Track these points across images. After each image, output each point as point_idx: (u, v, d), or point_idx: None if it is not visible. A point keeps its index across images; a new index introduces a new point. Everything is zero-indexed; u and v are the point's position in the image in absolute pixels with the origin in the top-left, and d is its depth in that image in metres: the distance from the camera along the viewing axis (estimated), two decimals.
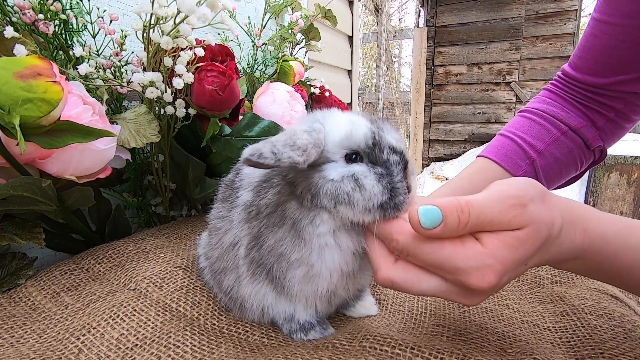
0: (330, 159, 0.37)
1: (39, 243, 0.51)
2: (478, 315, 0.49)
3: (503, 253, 0.32)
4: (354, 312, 0.49)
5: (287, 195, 0.38)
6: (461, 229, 0.32)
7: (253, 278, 0.42)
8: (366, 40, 4.67)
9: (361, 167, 0.36)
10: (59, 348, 0.39)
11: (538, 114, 0.70)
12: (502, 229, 0.32)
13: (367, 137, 0.36)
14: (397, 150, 0.37)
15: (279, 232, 0.38)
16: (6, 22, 0.54)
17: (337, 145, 0.36)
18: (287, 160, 0.33)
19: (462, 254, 0.32)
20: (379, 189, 0.35)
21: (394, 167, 0.36)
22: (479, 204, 0.32)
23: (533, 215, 0.32)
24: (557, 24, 3.98)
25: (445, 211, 0.31)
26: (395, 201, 0.35)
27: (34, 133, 0.43)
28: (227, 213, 0.44)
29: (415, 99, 4.57)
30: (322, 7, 1.08)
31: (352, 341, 0.39)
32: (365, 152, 0.36)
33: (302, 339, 0.43)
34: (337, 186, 0.35)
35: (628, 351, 0.39)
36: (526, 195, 0.33)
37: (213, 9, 0.61)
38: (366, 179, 0.35)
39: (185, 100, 0.65)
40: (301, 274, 0.39)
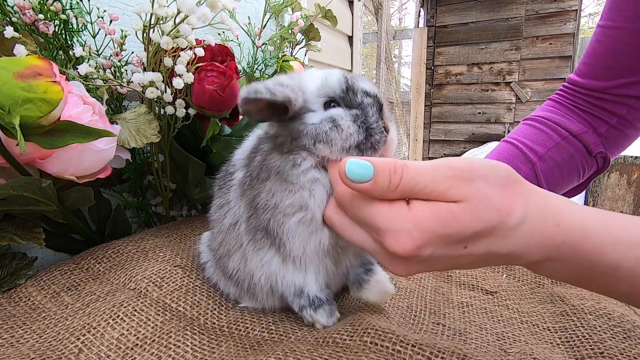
0: (310, 109, 0.39)
1: (39, 243, 0.51)
2: (478, 315, 0.49)
3: (428, 222, 0.30)
4: (370, 291, 0.45)
5: (269, 150, 0.40)
6: (391, 190, 0.31)
7: (255, 247, 0.42)
8: (366, 40, 4.67)
9: (338, 111, 0.38)
10: (59, 348, 0.39)
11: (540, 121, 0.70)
12: (437, 199, 0.30)
13: (341, 82, 0.39)
14: (370, 94, 0.39)
15: (267, 185, 0.40)
16: (6, 22, 0.55)
17: (314, 95, 0.39)
18: (280, 95, 0.35)
19: (386, 214, 0.31)
20: (354, 128, 0.37)
21: (368, 109, 0.38)
22: (415, 168, 0.31)
23: (476, 192, 0.30)
24: (557, 24, 3.98)
25: (378, 168, 0.31)
26: (371, 141, 0.37)
27: (34, 133, 0.44)
28: (224, 199, 0.45)
29: (415, 99, 4.57)
30: (322, 7, 1.08)
31: (352, 335, 0.39)
32: (340, 97, 0.39)
33: (311, 316, 0.43)
34: (316, 127, 0.37)
35: (627, 351, 0.39)
36: (476, 171, 0.30)
37: (213, 9, 0.61)
38: (342, 120, 0.37)
39: (185, 100, 0.65)
40: (297, 220, 0.39)
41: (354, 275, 0.46)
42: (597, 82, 0.64)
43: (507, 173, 0.32)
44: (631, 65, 0.60)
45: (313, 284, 0.43)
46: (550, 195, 0.33)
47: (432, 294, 0.54)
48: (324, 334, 0.41)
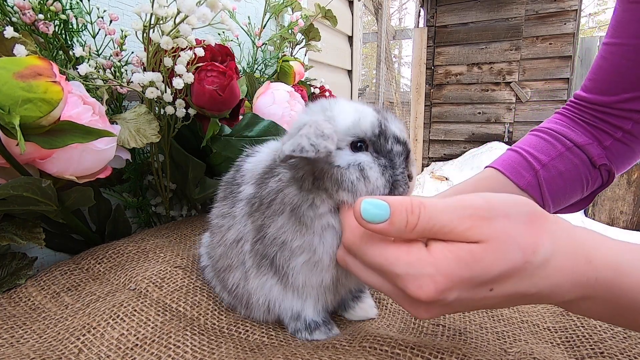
0: (337, 146, 0.36)
1: (39, 243, 0.51)
2: (478, 315, 0.49)
3: (450, 266, 0.28)
4: (353, 315, 0.49)
5: (287, 181, 0.38)
6: (409, 231, 0.29)
7: (259, 271, 0.42)
8: (366, 40, 4.68)
9: (367, 157, 0.36)
10: (59, 348, 0.39)
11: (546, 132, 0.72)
12: (457, 239, 0.29)
13: (374, 125, 0.37)
14: (401, 141, 0.37)
15: (279, 219, 0.39)
16: (6, 22, 0.55)
17: (343, 133, 0.36)
18: (324, 150, 0.33)
19: (404, 259, 0.29)
20: (382, 182, 0.36)
21: (397, 159, 0.37)
22: (433, 207, 0.29)
23: (498, 231, 0.28)
24: (557, 24, 3.99)
25: (394, 208, 0.29)
26: (395, 194, 0.36)
27: (34, 133, 0.44)
28: (229, 210, 0.44)
29: (415, 99, 4.57)
30: (322, 7, 1.08)
31: (352, 342, 0.39)
32: (371, 141, 0.37)
33: (306, 339, 0.43)
34: (342, 173, 0.35)
35: (627, 351, 0.39)
36: (494, 209, 0.29)
37: (213, 9, 0.61)
38: (371, 171, 0.36)
39: (185, 100, 0.65)
40: (303, 261, 0.39)
41: (342, 300, 0.48)
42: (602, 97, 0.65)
43: (530, 209, 0.30)
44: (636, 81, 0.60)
45: (311, 311, 0.43)
46: (577, 229, 0.32)
47: None
48: (323, 341, 0.41)
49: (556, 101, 4.11)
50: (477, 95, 4.42)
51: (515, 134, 4.32)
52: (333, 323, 0.45)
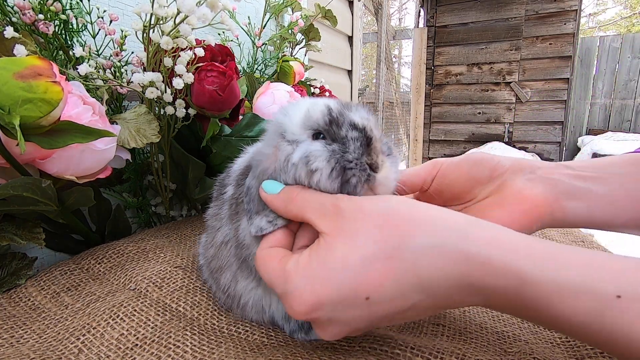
0: (299, 142, 0.36)
1: (39, 243, 0.51)
2: (478, 315, 0.49)
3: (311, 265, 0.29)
4: None
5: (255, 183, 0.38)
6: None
7: (242, 274, 0.42)
8: (366, 40, 4.68)
9: (317, 146, 0.34)
10: (59, 348, 0.39)
11: None
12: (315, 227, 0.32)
13: (324, 113, 0.35)
14: (358, 127, 0.34)
15: (242, 222, 0.39)
16: (6, 22, 0.55)
17: (300, 127, 0.36)
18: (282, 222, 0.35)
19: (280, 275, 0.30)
20: (327, 171, 0.33)
21: (351, 144, 0.34)
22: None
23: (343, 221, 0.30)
24: (557, 24, 3.99)
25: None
26: (348, 188, 0.33)
27: (34, 133, 0.44)
28: (218, 211, 0.45)
29: (415, 99, 4.57)
30: (322, 7, 1.08)
31: (351, 342, 0.39)
32: (325, 130, 0.35)
33: (303, 339, 0.43)
34: (298, 171, 0.34)
35: None
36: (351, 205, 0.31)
37: (213, 9, 0.61)
38: (315, 162, 0.33)
39: (185, 100, 0.65)
40: None
41: None
42: None
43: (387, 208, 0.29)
44: None
45: None
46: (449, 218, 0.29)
47: None
48: (323, 341, 0.41)
49: (556, 101, 4.11)
50: (477, 95, 4.42)
51: (515, 134, 4.32)
52: None
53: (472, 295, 0.27)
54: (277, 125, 0.38)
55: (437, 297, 0.27)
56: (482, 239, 0.27)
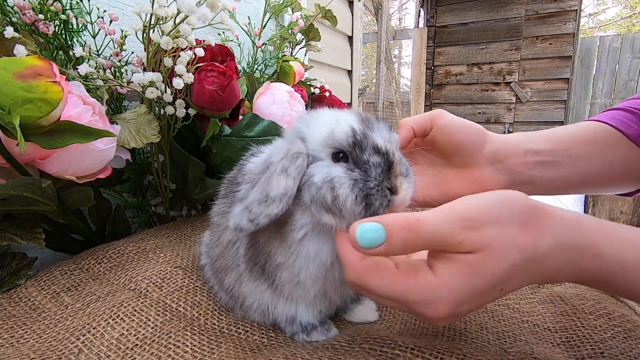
0: (318, 158, 0.36)
1: (39, 243, 0.51)
2: (478, 315, 0.49)
3: (457, 283, 0.29)
4: (353, 317, 0.48)
5: None
6: (410, 249, 0.30)
7: (251, 276, 0.42)
8: (366, 40, 4.67)
9: (340, 171, 0.35)
10: (59, 348, 0.39)
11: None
12: (454, 251, 0.30)
13: (348, 135, 0.35)
14: (380, 151, 0.35)
15: (267, 231, 0.39)
16: (6, 22, 0.55)
17: (321, 145, 0.36)
18: (265, 220, 0.34)
19: (414, 287, 0.30)
20: (351, 198, 0.34)
21: (372, 170, 0.34)
22: (430, 222, 0.30)
23: (488, 239, 0.29)
24: (557, 24, 3.98)
25: (389, 229, 0.29)
26: (371, 210, 0.34)
27: (34, 133, 0.44)
28: (227, 209, 0.44)
29: (415, 99, 4.57)
30: (322, 7, 1.08)
31: (352, 343, 0.39)
32: (348, 151, 0.35)
33: (304, 340, 0.43)
34: (321, 194, 0.34)
35: (628, 351, 0.39)
36: (481, 217, 0.30)
37: (213, 9, 0.61)
38: (340, 188, 0.34)
39: (185, 100, 0.65)
40: (288, 278, 0.39)
41: (342, 301, 0.48)
42: None
43: (523, 207, 0.31)
44: None
45: (305, 314, 0.43)
46: (584, 222, 0.33)
47: None
48: (323, 342, 0.41)
49: (556, 101, 4.11)
50: (477, 95, 4.42)
51: None
52: (330, 323, 0.45)
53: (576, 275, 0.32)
54: (298, 132, 0.38)
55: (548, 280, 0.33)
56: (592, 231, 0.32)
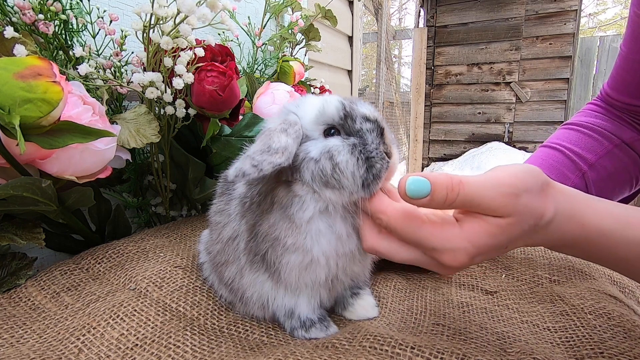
0: (310, 137, 0.38)
1: (39, 243, 0.51)
2: (478, 315, 0.49)
3: (480, 238, 0.33)
4: (353, 314, 0.48)
5: (274, 183, 0.39)
6: (447, 205, 0.33)
7: (252, 268, 0.42)
8: (366, 40, 4.67)
9: (336, 141, 0.37)
10: (59, 348, 0.39)
11: (586, 126, 0.65)
12: (488, 214, 0.34)
13: (338, 109, 0.38)
14: (370, 119, 0.38)
15: (271, 217, 0.39)
16: (6, 22, 0.55)
17: (313, 123, 0.38)
18: (269, 167, 0.34)
19: (440, 235, 0.34)
20: (352, 161, 0.36)
21: (368, 135, 0.37)
22: (471, 186, 0.33)
23: (521, 206, 0.33)
24: (557, 24, 3.98)
25: (435, 186, 0.33)
26: (373, 171, 0.36)
27: (34, 133, 0.44)
28: (224, 206, 0.45)
29: (415, 99, 4.57)
30: (322, 7, 1.08)
31: (352, 341, 0.39)
32: (339, 125, 0.38)
33: (303, 337, 0.43)
34: (320, 167, 0.36)
35: (627, 351, 0.39)
36: (521, 185, 0.34)
37: (213, 9, 0.61)
38: (340, 155, 0.36)
39: (185, 101, 0.65)
40: (298, 261, 0.39)
41: (341, 297, 0.48)
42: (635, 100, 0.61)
43: (543, 178, 0.36)
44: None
45: (305, 307, 0.43)
46: (577, 196, 0.37)
47: (432, 294, 0.54)
48: (323, 340, 0.41)
49: (556, 101, 4.11)
50: (477, 95, 4.42)
51: (515, 134, 4.32)
52: (330, 320, 0.45)
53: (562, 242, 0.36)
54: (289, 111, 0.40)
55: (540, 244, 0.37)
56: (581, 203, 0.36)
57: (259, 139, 0.38)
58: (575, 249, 0.37)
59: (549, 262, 0.62)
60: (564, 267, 0.60)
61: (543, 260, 0.63)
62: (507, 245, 0.34)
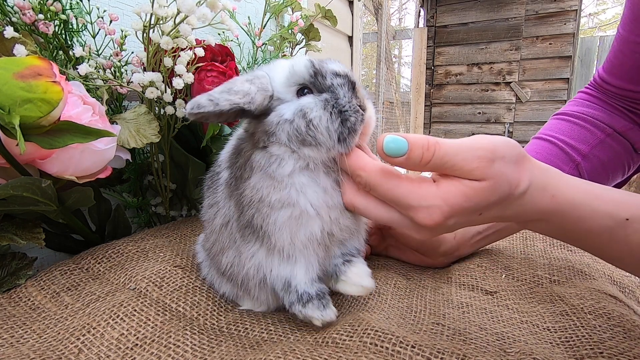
0: (283, 100, 0.38)
1: (39, 243, 0.51)
2: (477, 315, 0.49)
3: (455, 198, 0.34)
4: (346, 283, 0.43)
5: (250, 149, 0.40)
6: (423, 165, 0.34)
7: (244, 241, 0.42)
8: (366, 40, 4.68)
9: (308, 99, 0.37)
10: (59, 348, 0.39)
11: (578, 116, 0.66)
12: (463, 176, 0.34)
13: (307, 67, 0.38)
14: (340, 74, 0.38)
15: (251, 180, 0.39)
16: (6, 22, 0.55)
17: (284, 85, 0.38)
18: (226, 104, 0.35)
19: (416, 192, 0.35)
20: (326, 116, 0.36)
21: (339, 90, 0.37)
22: (447, 147, 0.34)
23: (496, 171, 0.34)
24: (557, 24, 3.99)
25: (412, 145, 0.33)
26: (348, 125, 0.37)
27: (34, 133, 0.44)
28: (213, 198, 0.45)
29: (415, 99, 4.57)
30: (322, 7, 1.08)
31: (352, 336, 0.39)
32: (311, 83, 0.38)
33: (300, 312, 0.41)
34: (295, 126, 0.37)
35: (627, 351, 0.39)
36: (498, 151, 0.34)
37: (213, 9, 0.61)
38: (312, 112, 0.36)
39: (185, 101, 0.65)
40: (286, 216, 0.39)
41: (333, 266, 0.44)
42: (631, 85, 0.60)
43: (520, 151, 0.36)
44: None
45: (302, 277, 0.41)
46: (550, 170, 0.38)
47: (432, 294, 0.54)
48: (323, 334, 0.40)
49: (556, 101, 4.11)
50: (477, 95, 4.42)
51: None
52: (329, 300, 0.42)
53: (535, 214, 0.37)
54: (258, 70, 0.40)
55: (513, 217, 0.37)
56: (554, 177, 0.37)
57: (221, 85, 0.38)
58: (547, 222, 0.38)
59: (549, 262, 0.62)
60: (564, 267, 0.61)
61: (543, 260, 0.63)
62: (481, 211, 0.35)
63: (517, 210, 0.36)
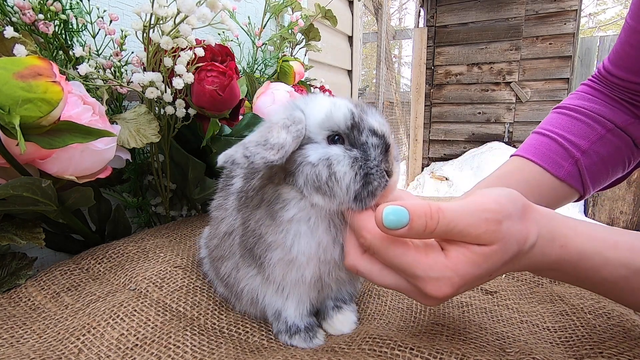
0: (312, 140, 0.37)
1: (39, 243, 0.51)
2: (477, 315, 0.49)
3: (465, 268, 0.32)
4: (331, 327, 0.46)
5: (267, 179, 0.39)
6: (427, 234, 0.32)
7: (244, 262, 0.42)
8: (366, 40, 4.67)
9: (337, 150, 0.36)
10: (59, 348, 0.39)
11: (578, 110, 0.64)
12: (471, 242, 0.32)
13: (347, 117, 0.36)
14: (377, 133, 0.36)
15: (257, 213, 0.39)
16: (6, 22, 0.55)
17: (317, 127, 0.36)
18: (260, 161, 0.33)
19: (424, 262, 0.32)
20: (350, 175, 0.35)
21: (372, 151, 0.36)
22: (451, 213, 0.32)
23: (504, 233, 0.32)
24: (557, 24, 3.98)
25: (413, 214, 0.31)
26: (369, 188, 0.35)
27: (34, 133, 0.44)
28: (223, 201, 0.45)
29: (415, 99, 4.57)
30: (322, 7, 1.08)
31: (351, 344, 0.39)
32: (345, 134, 0.36)
33: (285, 342, 0.43)
34: (316, 172, 0.35)
35: (627, 351, 0.39)
36: (503, 211, 0.33)
37: (213, 9, 0.61)
38: (338, 165, 0.35)
39: (185, 100, 0.65)
40: (279, 257, 0.39)
41: (324, 306, 0.46)
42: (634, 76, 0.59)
43: (523, 202, 0.35)
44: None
45: (292, 311, 0.43)
46: (555, 218, 0.37)
47: None
48: (323, 344, 0.41)
49: (556, 101, 4.11)
50: (477, 95, 4.42)
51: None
52: (318, 332, 0.44)
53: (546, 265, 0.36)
54: (297, 106, 0.38)
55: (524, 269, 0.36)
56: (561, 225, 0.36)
57: (258, 129, 0.36)
58: (558, 271, 0.37)
59: None
60: None
61: None
62: (491, 273, 0.33)
63: (526, 264, 0.35)
